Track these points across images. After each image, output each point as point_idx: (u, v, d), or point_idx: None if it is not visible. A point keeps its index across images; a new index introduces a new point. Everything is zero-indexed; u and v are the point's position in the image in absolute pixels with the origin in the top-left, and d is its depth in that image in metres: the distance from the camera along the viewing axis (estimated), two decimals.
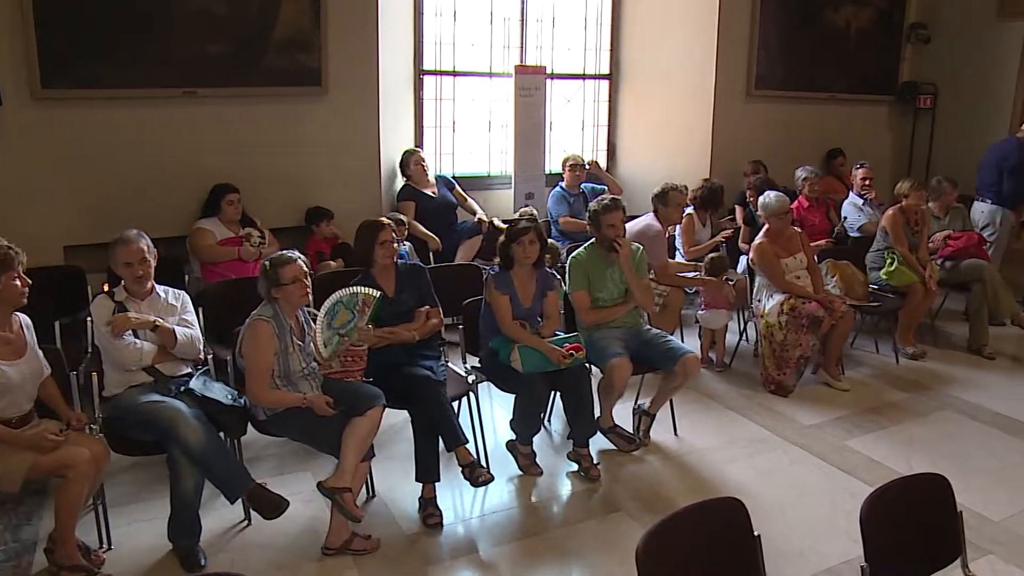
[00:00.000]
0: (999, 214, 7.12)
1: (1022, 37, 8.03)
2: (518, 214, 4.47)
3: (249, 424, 3.73)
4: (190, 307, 3.95)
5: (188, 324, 3.86)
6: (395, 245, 4.19)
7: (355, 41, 6.12)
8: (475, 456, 3.93)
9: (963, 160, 7.50)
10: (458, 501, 4.08)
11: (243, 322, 3.66)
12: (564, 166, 7.07)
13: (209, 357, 4.08)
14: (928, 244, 6.49)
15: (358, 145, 6.32)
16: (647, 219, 5.67)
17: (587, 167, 7.15)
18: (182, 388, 3.68)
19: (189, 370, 3.84)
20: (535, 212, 4.53)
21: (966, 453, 4.73)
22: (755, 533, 2.52)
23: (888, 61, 9.05)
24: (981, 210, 7.20)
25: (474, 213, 6.79)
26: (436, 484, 3.89)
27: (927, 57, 9.02)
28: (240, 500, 3.56)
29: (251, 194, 5.68)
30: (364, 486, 3.89)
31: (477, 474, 3.82)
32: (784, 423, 5.05)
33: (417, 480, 3.88)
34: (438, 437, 3.85)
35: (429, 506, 3.86)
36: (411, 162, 6.57)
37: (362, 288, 3.89)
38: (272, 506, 3.45)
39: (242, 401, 3.71)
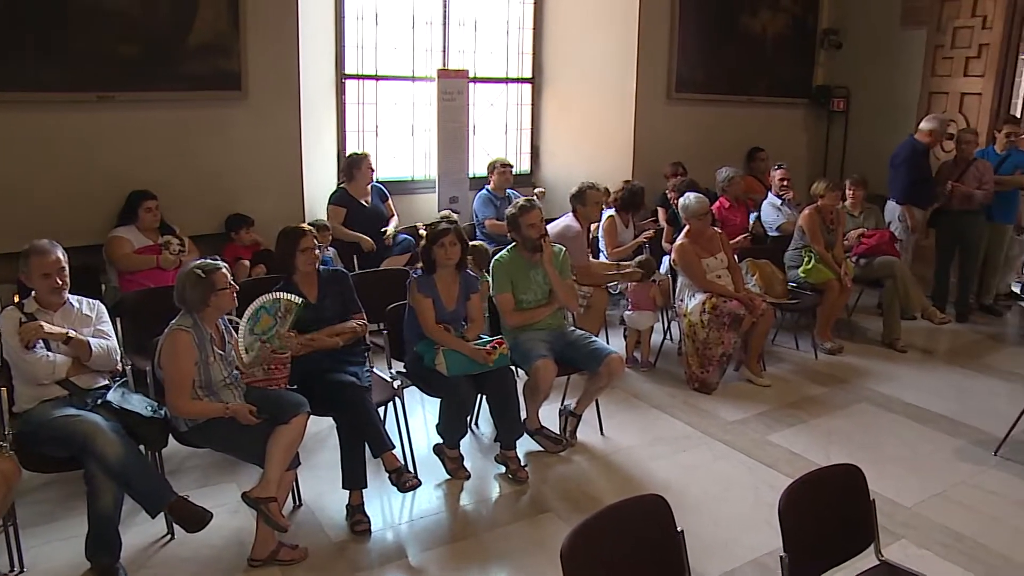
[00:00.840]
0: (898, 211, 7.39)
1: (923, 44, 8.33)
2: (438, 216, 4.46)
3: (170, 436, 3.64)
4: (106, 317, 3.84)
5: (104, 335, 3.75)
6: (316, 252, 4.14)
7: (275, 45, 6.04)
8: (402, 461, 3.92)
9: (875, 160, 7.76)
10: (386, 507, 4.06)
11: (163, 332, 3.58)
12: (491, 170, 7.09)
13: (127, 368, 3.98)
14: (843, 242, 6.69)
15: (279, 150, 6.23)
16: (566, 220, 5.74)
17: None
18: (99, 401, 3.58)
19: (106, 382, 3.74)
20: (451, 214, 4.53)
21: (881, 443, 4.90)
22: (678, 529, 2.55)
23: (803, 65, 9.30)
24: (891, 208, 7.45)
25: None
26: (363, 491, 3.86)
27: (839, 62, 9.29)
28: (162, 514, 3.47)
29: (170, 201, 5.56)
30: (290, 495, 3.84)
31: (404, 479, 3.80)
32: (708, 420, 5.15)
33: (344, 487, 3.84)
34: (364, 443, 3.83)
35: (357, 513, 3.83)
36: (362, 165, 6.43)
37: (284, 294, 3.84)
38: (195, 519, 3.38)
39: (162, 412, 3.62)
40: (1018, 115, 9.75)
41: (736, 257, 5.99)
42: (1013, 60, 7.96)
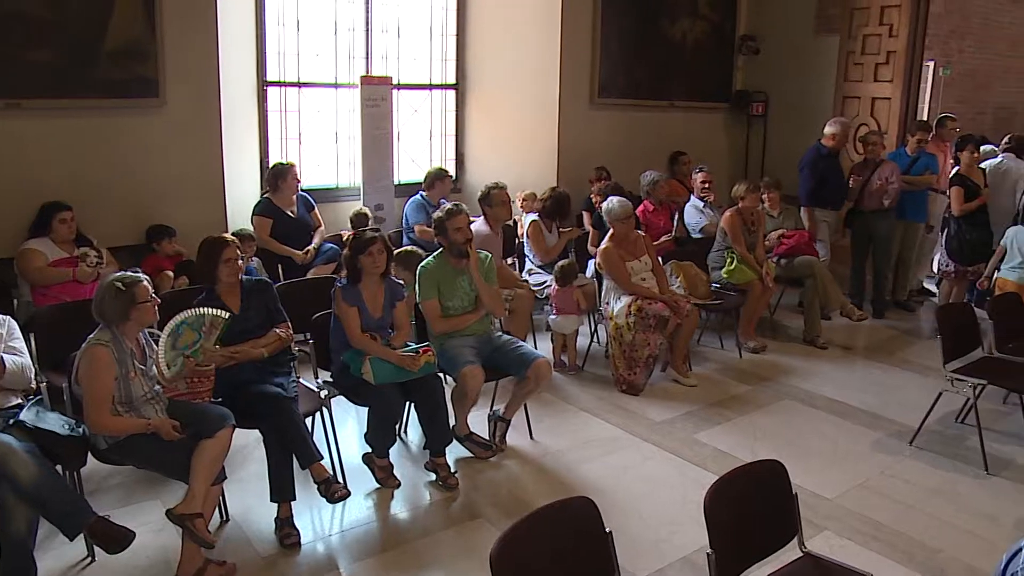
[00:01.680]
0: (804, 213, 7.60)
1: (836, 50, 8.60)
2: (352, 213, 4.39)
3: (89, 454, 3.54)
4: (17, 333, 3.72)
5: (16, 351, 3.63)
6: (240, 262, 4.07)
7: (193, 51, 5.91)
8: (331, 472, 3.89)
9: (793, 162, 7.95)
10: (316, 519, 4.01)
11: (80, 347, 3.47)
12: (429, 179, 7.01)
13: (42, 385, 3.85)
14: (764, 243, 6.85)
15: (200, 159, 6.10)
16: (475, 224, 5.76)
17: None
18: (11, 421, 3.45)
19: (19, 401, 3.61)
20: (366, 209, 4.47)
21: (804, 438, 5.04)
22: (607, 529, 2.58)
23: (722, 71, 9.50)
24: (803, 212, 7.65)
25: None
26: (292, 503, 3.81)
27: (757, 67, 9.52)
28: (81, 536, 3.36)
29: (86, 212, 5.40)
30: (216, 510, 3.77)
31: (333, 490, 3.77)
32: (636, 421, 5.21)
33: (272, 500, 3.78)
34: (292, 455, 3.78)
35: (286, 526, 3.77)
36: (287, 176, 6.30)
37: (210, 310, 3.76)
38: (116, 539, 3.27)
39: (81, 430, 3.51)
40: (925, 117, 10.16)
41: (660, 259, 6.08)
42: (918, 66, 8.26)
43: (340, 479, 4.05)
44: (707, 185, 7.49)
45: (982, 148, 7.66)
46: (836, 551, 3.63)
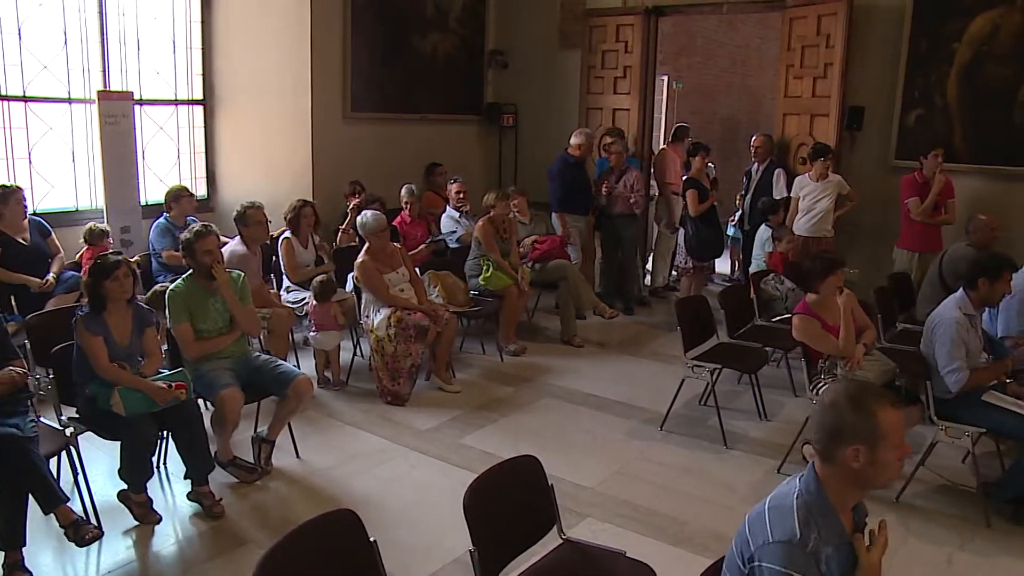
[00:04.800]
0: (557, 219, 7.97)
1: (578, 65, 9.05)
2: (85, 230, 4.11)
3: None
4: None
5: None
6: None
7: None
8: (80, 514, 3.62)
9: (543, 172, 8.30)
10: (69, 564, 3.70)
11: None
12: (169, 198, 6.62)
13: None
14: (518, 249, 7.08)
15: None
16: (232, 244, 5.60)
17: None
18: None
19: None
20: (94, 225, 4.20)
21: (565, 433, 5.26)
22: (371, 539, 2.56)
23: (474, 84, 9.72)
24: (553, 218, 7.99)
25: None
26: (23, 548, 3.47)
27: (507, 81, 9.83)
28: None
29: None
30: None
31: (83, 532, 3.50)
32: (403, 431, 5.21)
33: (0, 550, 3.43)
34: (24, 499, 3.44)
35: (15, 570, 3.43)
36: (10, 200, 5.69)
37: None
38: None
39: None
40: (663, 128, 10.97)
41: (418, 270, 6.13)
42: (652, 80, 8.87)
43: (93, 520, 3.78)
44: (462, 195, 7.65)
45: None
46: (598, 535, 3.83)
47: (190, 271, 4.56)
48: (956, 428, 4.26)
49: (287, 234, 6.33)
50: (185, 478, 4.24)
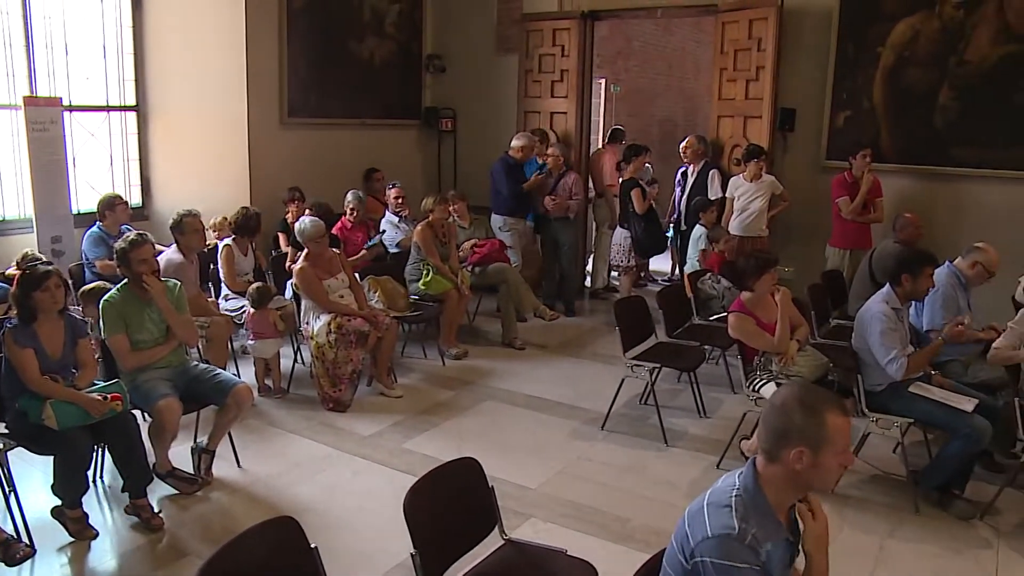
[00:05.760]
0: (499, 222, 8.03)
1: (516, 69, 9.10)
2: (18, 257, 4.03)
3: None
4: None
5: None
6: None
7: None
8: (10, 532, 3.56)
9: (483, 175, 8.33)
10: None
11: None
12: (102, 207, 6.48)
13: None
14: (458, 253, 7.09)
15: None
16: (168, 253, 5.53)
17: None
18: None
19: None
20: (34, 252, 4.13)
21: (507, 435, 5.29)
22: (312, 545, 2.55)
23: (412, 89, 9.71)
24: (496, 221, 8.04)
25: None
26: None
27: (445, 85, 9.84)
28: None
29: None
30: None
31: (13, 551, 3.47)
32: (345, 437, 5.19)
33: None
34: None
35: None
36: None
37: None
38: None
39: None
40: (601, 130, 11.06)
41: (357, 275, 6.11)
42: (590, 83, 8.96)
43: (25, 538, 3.70)
44: (401, 200, 7.64)
45: None
46: (541, 535, 3.86)
47: (125, 281, 4.49)
48: (886, 419, 4.41)
49: (227, 241, 6.26)
50: (122, 491, 4.16)
